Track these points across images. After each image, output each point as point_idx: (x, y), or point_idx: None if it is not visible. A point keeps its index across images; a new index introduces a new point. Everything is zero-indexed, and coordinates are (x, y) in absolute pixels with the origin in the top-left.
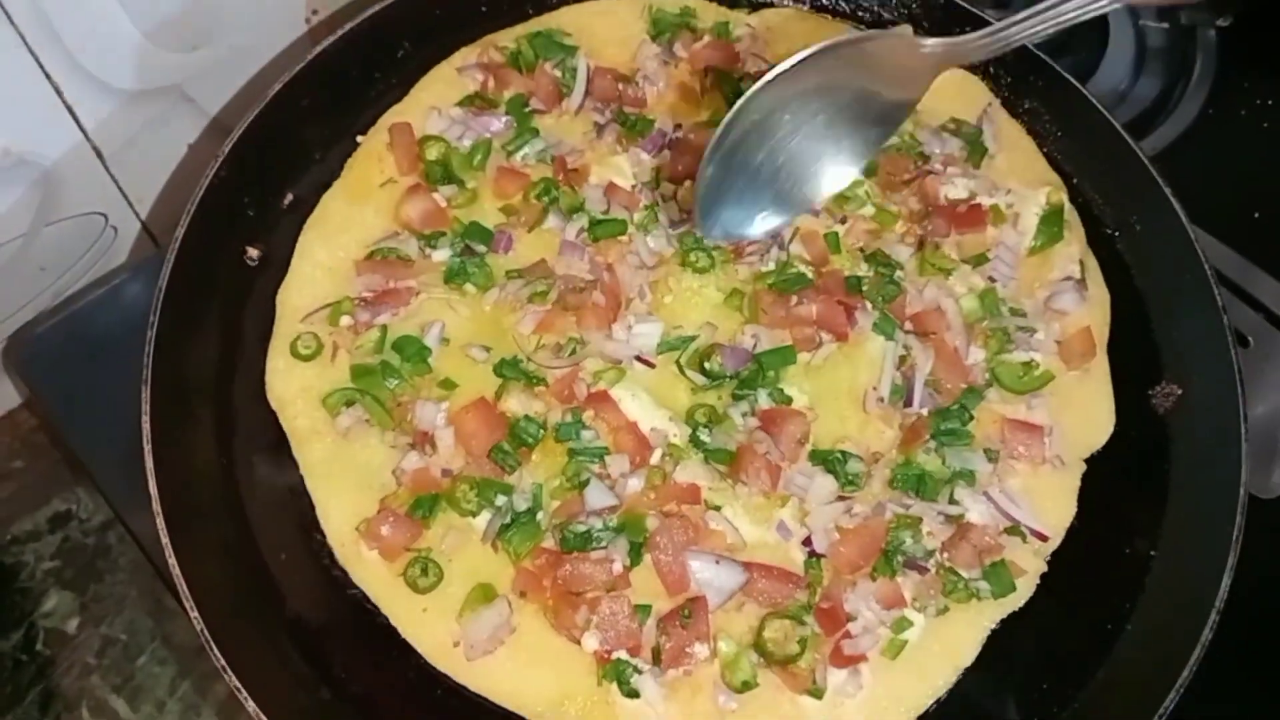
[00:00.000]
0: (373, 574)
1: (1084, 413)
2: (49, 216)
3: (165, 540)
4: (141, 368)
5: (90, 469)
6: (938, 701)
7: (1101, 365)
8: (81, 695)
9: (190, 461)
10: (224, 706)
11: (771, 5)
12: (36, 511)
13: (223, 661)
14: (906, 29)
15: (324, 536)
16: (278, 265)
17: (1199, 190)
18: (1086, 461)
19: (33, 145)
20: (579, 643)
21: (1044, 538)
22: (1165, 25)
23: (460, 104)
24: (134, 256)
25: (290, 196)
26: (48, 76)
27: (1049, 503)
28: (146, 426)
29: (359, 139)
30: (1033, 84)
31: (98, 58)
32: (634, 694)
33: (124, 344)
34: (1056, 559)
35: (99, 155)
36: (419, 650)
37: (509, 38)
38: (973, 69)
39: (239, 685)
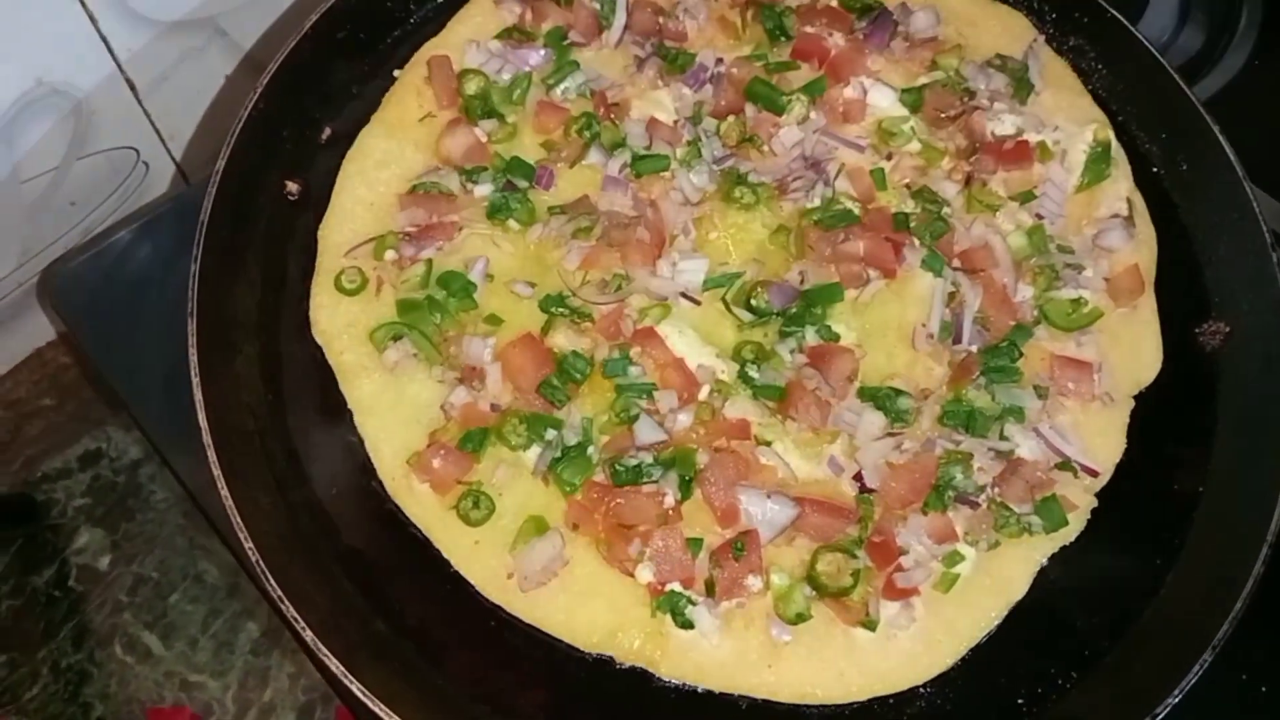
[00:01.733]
0: (424, 508)
1: (1132, 350)
2: (80, 151)
3: (217, 473)
4: (185, 300)
5: (129, 404)
6: (989, 635)
7: (1149, 303)
8: (114, 632)
9: (237, 397)
10: (256, 645)
11: None
12: (67, 449)
13: (279, 592)
14: None
15: (374, 470)
16: (317, 200)
17: (1244, 141)
18: (1135, 399)
19: (66, 76)
20: (632, 575)
21: (1094, 473)
22: None
23: (498, 37)
24: (165, 193)
25: (328, 131)
26: (84, 5)
27: (1098, 439)
28: (194, 360)
29: (396, 73)
30: (1078, 20)
31: None
32: (688, 625)
33: (160, 279)
34: (1106, 495)
35: (132, 88)
36: (472, 582)
37: None
38: (1017, 4)
39: (295, 615)
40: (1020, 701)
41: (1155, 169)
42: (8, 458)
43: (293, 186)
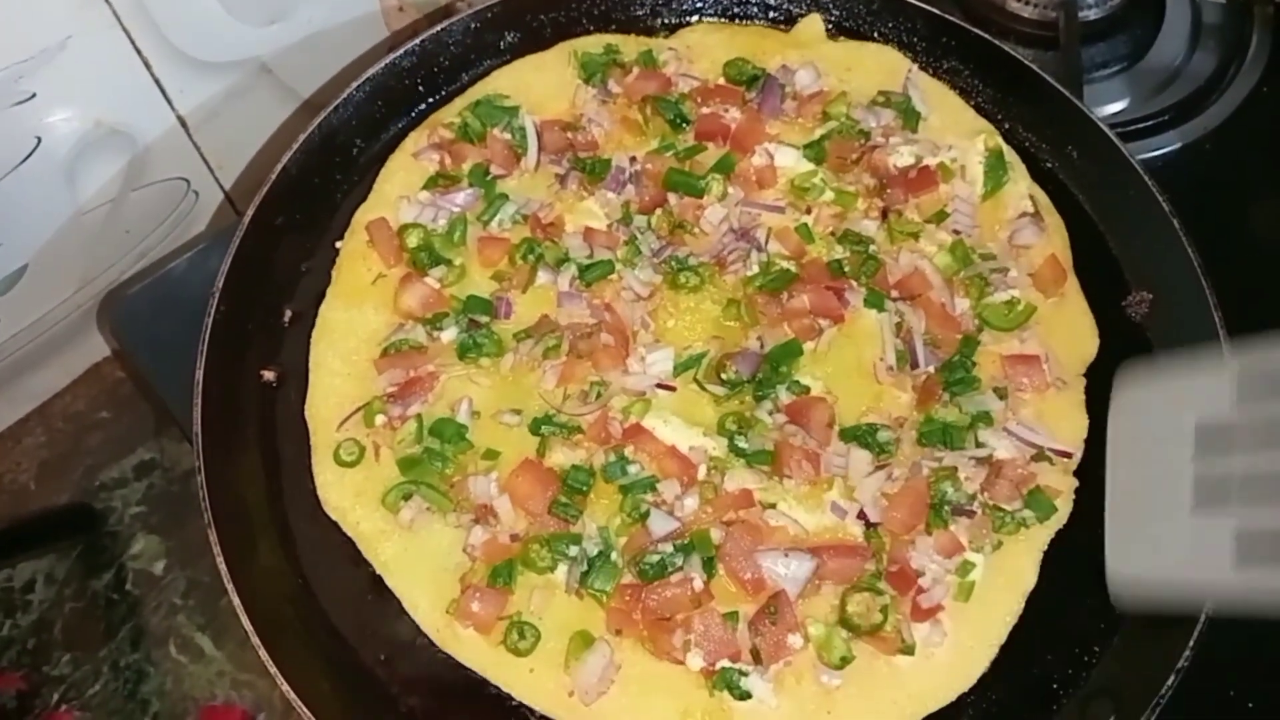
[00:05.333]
0: (475, 650)
1: (1070, 333)
2: (135, 184)
3: (274, 670)
4: None
5: (181, 422)
6: (1013, 630)
7: (1074, 286)
8: (169, 633)
9: (270, 590)
10: None
11: (686, 25)
12: (123, 459)
13: None
14: (816, 19)
15: (417, 626)
16: (297, 379)
17: (1253, 166)
18: (1085, 376)
19: (123, 117)
20: (683, 663)
21: (1067, 455)
22: (1222, 1)
23: (425, 187)
24: (214, 223)
25: (289, 313)
26: (139, 51)
27: (1063, 422)
28: (223, 569)
29: (337, 244)
30: (946, 44)
31: (183, 32)
32: (746, 696)
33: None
34: (1085, 473)
35: (183, 124)
36: (538, 710)
37: (452, 113)
38: (885, 39)
39: None
40: (1055, 686)
41: (1048, 164)
42: (69, 468)
43: (269, 375)
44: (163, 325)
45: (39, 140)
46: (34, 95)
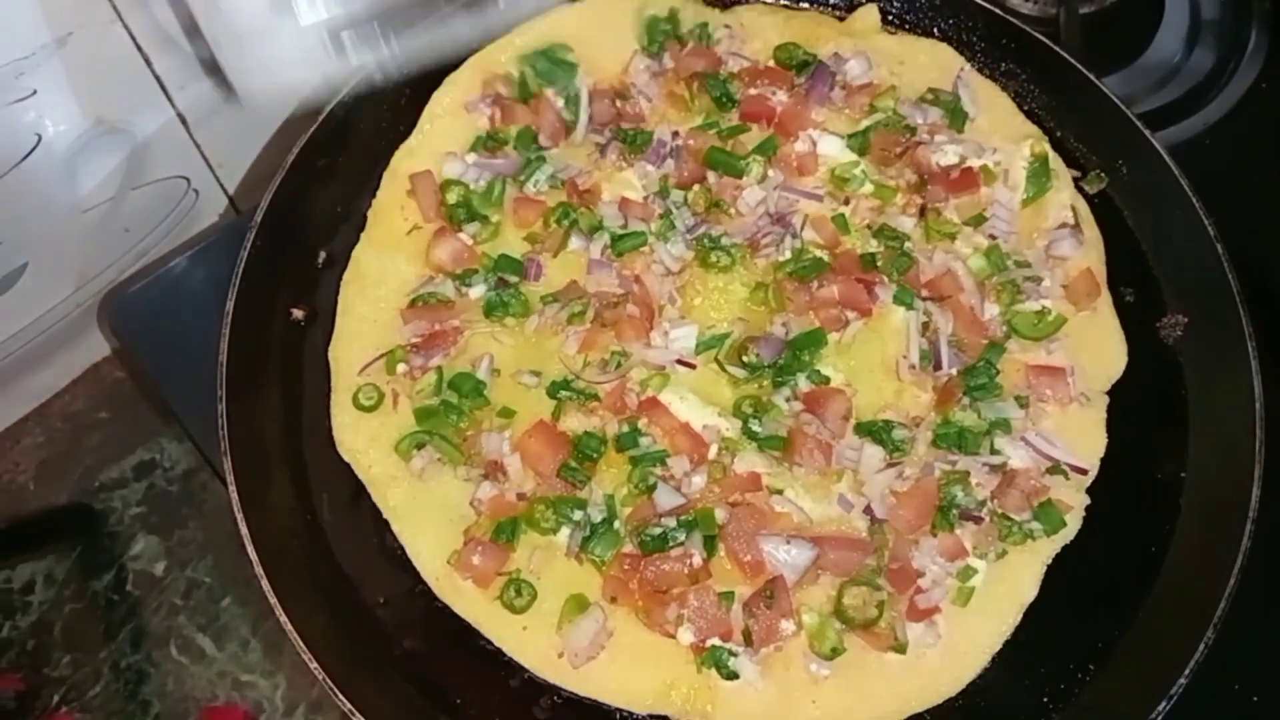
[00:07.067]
0: (471, 603)
1: (1098, 348)
2: (135, 182)
3: (274, 601)
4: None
5: (183, 421)
6: (1008, 640)
7: (1106, 302)
8: (170, 634)
9: (278, 524)
10: None
11: (745, 2)
12: (123, 460)
13: (349, 706)
14: (873, 9)
15: (418, 573)
16: (324, 320)
17: (1252, 162)
18: (1109, 395)
19: (123, 114)
20: (674, 637)
21: (1083, 471)
22: None
23: (473, 149)
24: (215, 222)
25: (323, 255)
26: (139, 49)
27: (1081, 438)
28: (235, 498)
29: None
30: (1005, 46)
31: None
32: (733, 676)
33: (211, 303)
34: (1096, 491)
35: (184, 122)
36: (527, 667)
37: (505, 54)
38: (944, 37)
39: None
40: (1045, 699)
41: (1096, 174)
42: (68, 468)
43: (298, 313)
44: (163, 324)
45: (39, 138)
46: (34, 92)
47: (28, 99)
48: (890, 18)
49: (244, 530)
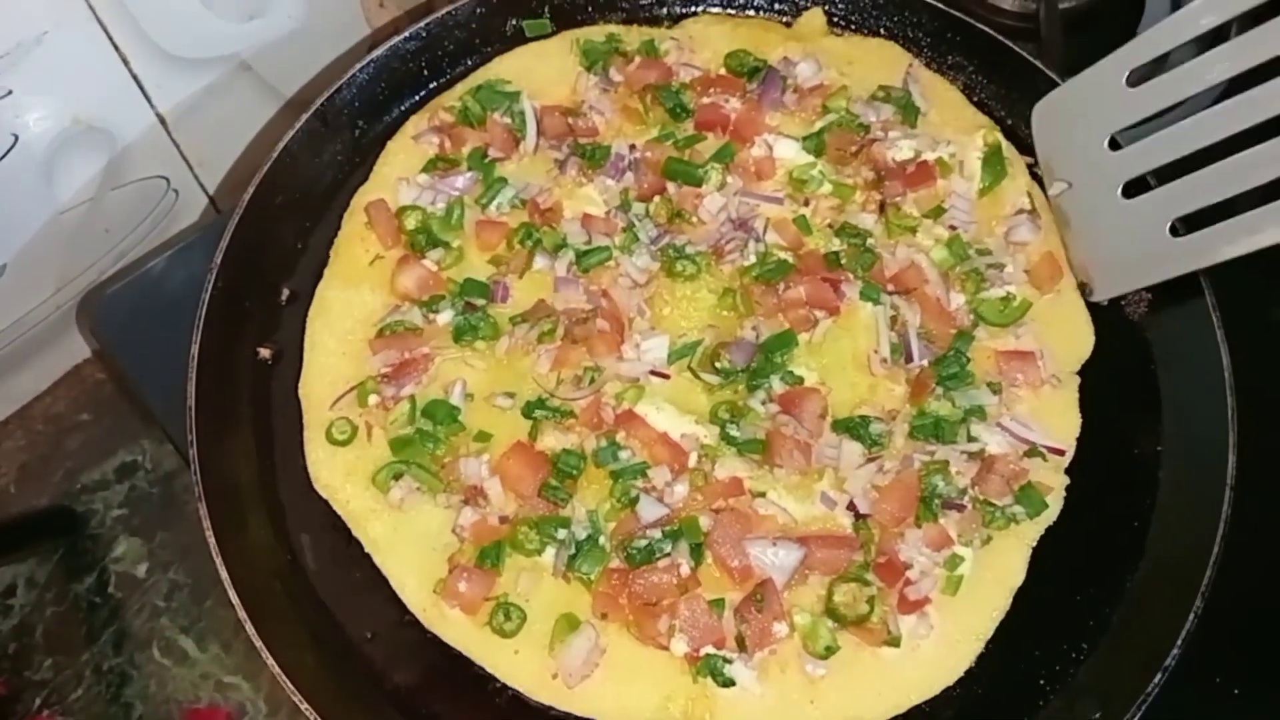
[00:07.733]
0: (460, 630)
1: (1065, 330)
2: (114, 182)
3: (259, 644)
4: None
5: (163, 422)
6: (1001, 625)
7: (1070, 284)
8: (152, 636)
9: (258, 565)
10: None
11: (690, 15)
12: (104, 462)
13: None
14: (818, 13)
15: (404, 605)
16: (291, 358)
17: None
18: (1080, 375)
19: (101, 114)
20: (667, 648)
21: (1060, 452)
22: None
23: (424, 170)
24: (195, 222)
25: (286, 292)
26: (116, 48)
27: (1056, 419)
28: (212, 542)
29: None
30: (951, 40)
31: (161, 27)
32: (730, 683)
33: (191, 303)
34: (1075, 471)
35: (162, 122)
36: (520, 691)
37: (453, 97)
38: (890, 35)
39: None
40: (1041, 682)
41: None
42: (49, 470)
43: (265, 352)
44: (143, 325)
45: (16, 138)
46: (10, 92)
47: (3, 98)
48: (836, 20)
49: (224, 575)
